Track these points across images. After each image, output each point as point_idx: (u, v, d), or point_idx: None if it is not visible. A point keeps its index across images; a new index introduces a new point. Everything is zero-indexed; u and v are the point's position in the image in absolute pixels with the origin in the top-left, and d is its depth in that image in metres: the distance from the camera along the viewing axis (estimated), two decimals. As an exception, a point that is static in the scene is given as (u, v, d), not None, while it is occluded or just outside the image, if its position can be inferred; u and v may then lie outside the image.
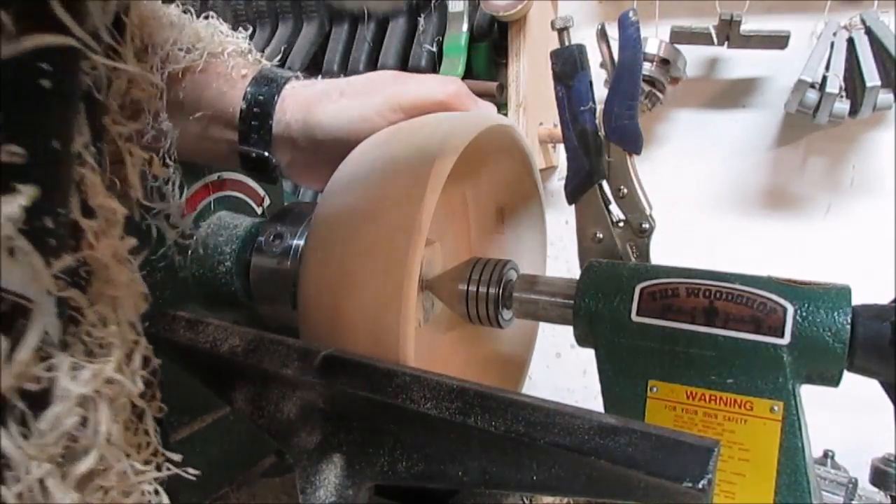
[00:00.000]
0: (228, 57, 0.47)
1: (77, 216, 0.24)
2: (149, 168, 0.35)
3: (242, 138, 0.46)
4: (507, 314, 0.49)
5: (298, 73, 0.49)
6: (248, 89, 0.46)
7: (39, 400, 0.23)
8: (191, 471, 0.30)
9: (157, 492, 0.28)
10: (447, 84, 0.47)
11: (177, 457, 0.29)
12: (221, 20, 0.49)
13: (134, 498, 0.26)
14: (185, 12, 0.47)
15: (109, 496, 0.25)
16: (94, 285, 0.25)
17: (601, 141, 0.48)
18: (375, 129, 0.45)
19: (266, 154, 0.46)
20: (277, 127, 0.46)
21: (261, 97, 0.46)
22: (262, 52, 1.13)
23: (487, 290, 0.47)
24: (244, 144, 0.46)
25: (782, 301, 0.38)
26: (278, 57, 1.10)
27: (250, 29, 0.54)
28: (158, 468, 0.28)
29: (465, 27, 1.01)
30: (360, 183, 0.40)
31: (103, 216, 0.26)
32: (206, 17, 0.48)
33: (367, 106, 0.45)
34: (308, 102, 0.46)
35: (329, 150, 0.45)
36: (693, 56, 0.96)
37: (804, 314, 0.37)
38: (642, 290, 0.41)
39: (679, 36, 0.91)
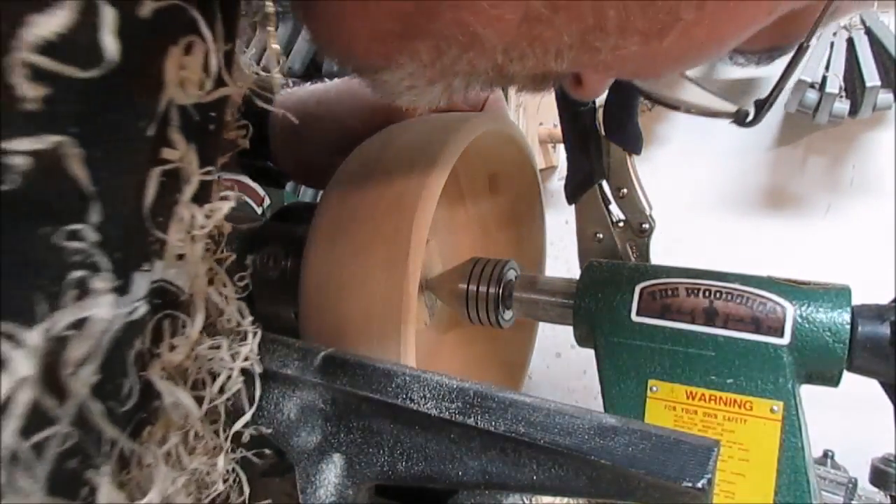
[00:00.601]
0: None
1: None
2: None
3: (242, 150, 0.46)
4: (507, 314, 0.49)
5: (288, 81, 0.49)
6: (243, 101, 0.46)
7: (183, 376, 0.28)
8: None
9: (234, 470, 0.31)
10: None
11: (266, 430, 0.32)
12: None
13: (214, 476, 0.30)
14: None
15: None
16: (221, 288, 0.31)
17: (601, 141, 0.48)
18: (361, 133, 0.45)
19: (268, 164, 0.47)
20: (272, 138, 0.46)
21: (254, 109, 0.46)
22: (263, 52, 1.13)
23: (487, 289, 0.47)
24: (245, 156, 0.46)
25: (782, 301, 0.38)
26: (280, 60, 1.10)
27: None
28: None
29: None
30: (359, 185, 0.40)
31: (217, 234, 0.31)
32: None
33: (345, 113, 0.45)
34: (291, 114, 0.46)
35: (322, 157, 0.45)
36: (693, 56, 0.96)
37: (804, 314, 0.37)
38: (642, 290, 0.41)
39: (679, 36, 0.91)
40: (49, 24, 0.17)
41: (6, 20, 0.17)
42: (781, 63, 0.29)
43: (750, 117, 0.31)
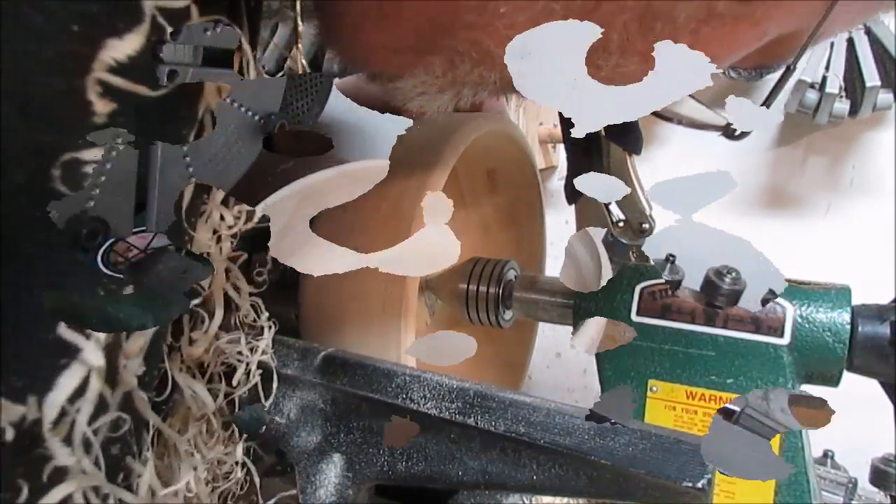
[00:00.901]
0: None
1: None
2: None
3: None
4: (507, 314, 0.49)
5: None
6: None
7: (200, 369, 0.30)
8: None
9: (244, 463, 0.31)
10: None
11: (280, 420, 0.33)
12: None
13: (227, 466, 0.31)
14: None
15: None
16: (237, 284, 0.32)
17: (601, 141, 0.48)
18: None
19: None
20: (274, 137, 0.46)
21: None
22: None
23: (487, 289, 0.47)
24: None
25: (782, 301, 0.38)
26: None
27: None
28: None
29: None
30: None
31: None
32: None
33: None
34: None
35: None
36: (693, 56, 0.96)
37: (804, 314, 0.37)
38: (642, 290, 0.41)
39: (679, 36, 0.91)
40: (123, 48, 0.19)
41: (86, 43, 0.18)
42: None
43: (738, 131, 0.33)
